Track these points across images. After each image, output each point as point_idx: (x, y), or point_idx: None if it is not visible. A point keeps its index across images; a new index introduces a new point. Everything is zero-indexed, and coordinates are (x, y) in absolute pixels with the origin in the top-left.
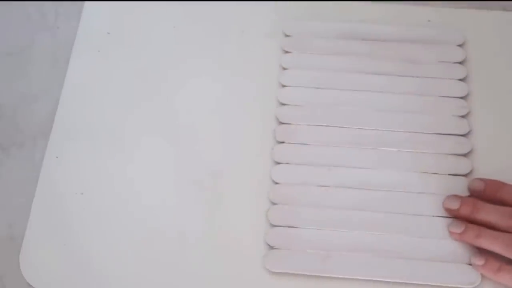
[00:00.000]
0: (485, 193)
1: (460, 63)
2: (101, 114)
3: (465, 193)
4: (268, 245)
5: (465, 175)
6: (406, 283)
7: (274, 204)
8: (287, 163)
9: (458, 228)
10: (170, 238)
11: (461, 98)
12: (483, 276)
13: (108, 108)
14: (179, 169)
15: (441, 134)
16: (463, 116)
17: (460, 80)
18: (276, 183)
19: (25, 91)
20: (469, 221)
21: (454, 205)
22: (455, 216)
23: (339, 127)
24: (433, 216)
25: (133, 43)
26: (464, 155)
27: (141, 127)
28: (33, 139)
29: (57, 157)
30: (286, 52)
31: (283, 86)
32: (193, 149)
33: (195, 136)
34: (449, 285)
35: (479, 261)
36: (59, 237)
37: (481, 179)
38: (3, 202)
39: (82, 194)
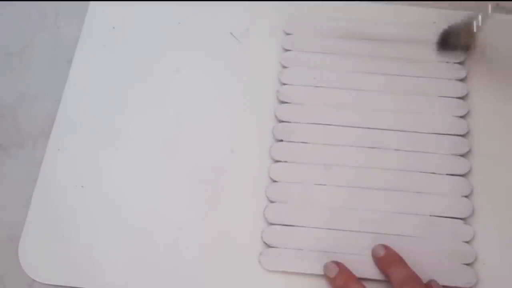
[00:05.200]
0: (381, 261)
1: (460, 63)
2: (104, 108)
3: (465, 193)
4: (265, 243)
5: (463, 175)
6: None
7: (271, 202)
8: (285, 161)
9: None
10: (167, 234)
11: (460, 98)
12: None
13: (111, 102)
14: (178, 165)
15: (439, 134)
16: (462, 117)
17: (460, 80)
18: (274, 181)
19: (25, 91)
20: None
21: (332, 272)
22: (329, 283)
23: (338, 126)
24: (430, 215)
25: (138, 38)
26: (463, 155)
27: (143, 122)
28: (33, 139)
29: (59, 150)
30: (287, 50)
31: (283, 84)
32: (192, 146)
33: (194, 133)
34: (446, 285)
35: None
36: (58, 228)
37: (384, 247)
38: (3, 202)
39: (82, 187)
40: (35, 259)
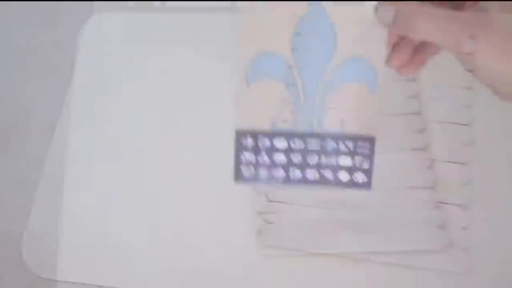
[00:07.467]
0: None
1: None
2: (105, 109)
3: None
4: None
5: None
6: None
7: None
8: None
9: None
10: (170, 226)
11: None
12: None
13: (113, 103)
14: (179, 145)
15: None
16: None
17: None
18: None
19: (26, 92)
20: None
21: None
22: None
23: None
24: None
25: (138, 42)
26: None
27: (145, 123)
28: (33, 138)
29: (61, 150)
30: None
31: None
32: (193, 127)
33: (196, 119)
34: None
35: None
36: (63, 226)
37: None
38: (3, 201)
39: (85, 186)
40: (40, 255)
